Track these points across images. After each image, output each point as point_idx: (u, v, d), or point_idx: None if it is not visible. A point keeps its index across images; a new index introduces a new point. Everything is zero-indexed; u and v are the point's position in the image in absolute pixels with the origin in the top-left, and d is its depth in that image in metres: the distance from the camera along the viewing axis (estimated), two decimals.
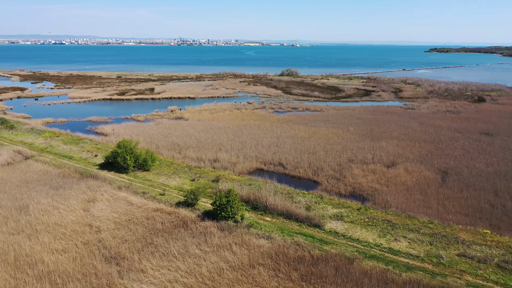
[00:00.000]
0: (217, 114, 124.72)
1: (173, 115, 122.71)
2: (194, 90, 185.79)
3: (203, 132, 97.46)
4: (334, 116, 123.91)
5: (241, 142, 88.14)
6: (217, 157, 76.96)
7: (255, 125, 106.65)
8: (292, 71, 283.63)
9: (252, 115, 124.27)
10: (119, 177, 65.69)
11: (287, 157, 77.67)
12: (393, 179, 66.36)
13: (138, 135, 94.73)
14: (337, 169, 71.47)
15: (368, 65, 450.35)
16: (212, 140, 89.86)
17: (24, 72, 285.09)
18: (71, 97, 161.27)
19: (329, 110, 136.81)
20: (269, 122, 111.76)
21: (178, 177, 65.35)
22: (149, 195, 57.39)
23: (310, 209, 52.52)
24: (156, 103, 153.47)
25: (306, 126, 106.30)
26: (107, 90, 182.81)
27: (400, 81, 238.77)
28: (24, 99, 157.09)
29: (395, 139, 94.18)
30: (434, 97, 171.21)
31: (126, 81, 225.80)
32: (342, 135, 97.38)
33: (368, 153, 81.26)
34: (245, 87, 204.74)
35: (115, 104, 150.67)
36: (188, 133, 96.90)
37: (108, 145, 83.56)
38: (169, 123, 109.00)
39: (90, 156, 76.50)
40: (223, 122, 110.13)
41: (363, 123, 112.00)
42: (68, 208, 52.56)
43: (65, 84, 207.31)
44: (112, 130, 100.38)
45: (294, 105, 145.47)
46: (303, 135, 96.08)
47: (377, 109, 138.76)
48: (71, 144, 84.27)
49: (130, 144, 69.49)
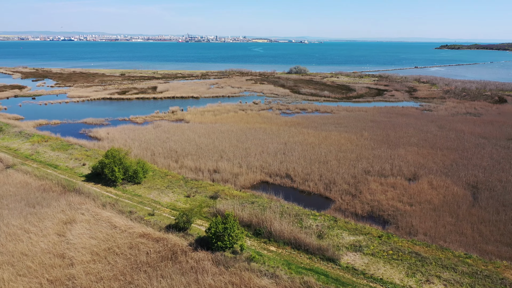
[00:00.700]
0: (221, 116, 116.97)
1: (173, 117, 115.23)
2: (198, 89, 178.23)
3: (204, 137, 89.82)
4: (346, 118, 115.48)
5: (245, 149, 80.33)
6: (218, 167, 69.27)
7: (261, 129, 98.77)
8: (301, 69, 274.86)
9: (258, 117, 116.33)
10: (106, 191, 58.30)
11: (295, 167, 69.74)
12: (416, 196, 58.11)
13: (133, 140, 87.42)
14: (351, 183, 63.37)
15: (379, 63, 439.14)
16: (213, 146, 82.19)
17: (27, 69, 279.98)
18: (69, 96, 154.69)
19: (340, 111, 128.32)
20: (275, 125, 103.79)
21: (171, 192, 57.76)
22: (136, 215, 49.88)
23: (323, 237, 44.56)
24: (157, 103, 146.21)
25: (316, 130, 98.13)
26: (108, 88, 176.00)
27: (413, 80, 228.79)
28: (21, 98, 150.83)
29: (414, 145, 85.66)
30: (451, 97, 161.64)
31: (129, 79, 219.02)
32: (355, 140, 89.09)
33: (385, 163, 72.98)
34: (251, 85, 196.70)
35: (114, 104, 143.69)
36: (188, 137, 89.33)
37: (99, 152, 76.30)
38: (169, 126, 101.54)
39: (77, 165, 69.24)
40: (227, 125, 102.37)
41: (378, 127, 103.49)
42: (41, 232, 45.25)
43: (66, 82, 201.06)
44: (106, 134, 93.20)
45: (303, 106, 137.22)
46: (312, 140, 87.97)
47: (392, 111, 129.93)
48: (59, 151, 77.15)
49: (119, 153, 62.07)
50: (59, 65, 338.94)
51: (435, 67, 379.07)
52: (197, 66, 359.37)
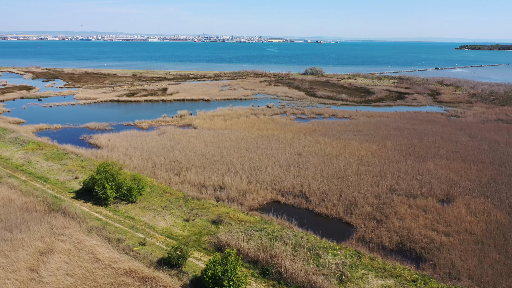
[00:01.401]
0: (231, 121, 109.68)
1: (181, 122, 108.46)
2: (209, 90, 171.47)
3: (211, 146, 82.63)
4: (365, 125, 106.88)
5: (255, 161, 72.79)
6: (224, 183, 61.93)
7: (273, 137, 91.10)
8: (317, 70, 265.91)
9: (270, 122, 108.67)
10: (95, 212, 51.51)
11: (310, 184, 61.91)
12: (453, 223, 49.66)
13: (135, 148, 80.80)
14: (375, 204, 55.23)
15: (397, 63, 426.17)
16: (221, 157, 74.90)
17: (39, 69, 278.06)
18: (77, 98, 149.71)
19: (359, 117, 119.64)
20: (289, 132, 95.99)
21: (169, 215, 50.58)
22: (125, 245, 42.88)
23: (345, 280, 36.73)
24: (166, 106, 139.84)
25: (333, 139, 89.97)
26: (117, 90, 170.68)
27: (436, 82, 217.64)
28: (27, 100, 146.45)
29: (444, 158, 76.77)
30: (478, 102, 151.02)
31: (140, 80, 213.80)
32: (377, 151, 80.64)
33: (413, 179, 64.53)
34: (265, 87, 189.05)
35: (122, 106, 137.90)
36: (194, 146, 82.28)
37: (95, 163, 69.79)
38: (175, 132, 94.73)
39: (69, 178, 62.77)
40: (237, 132, 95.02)
41: (402, 136, 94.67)
42: (11, 267, 38.60)
43: (76, 83, 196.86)
44: (107, 140, 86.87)
45: (319, 110, 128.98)
46: (330, 151, 79.87)
47: (415, 117, 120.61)
48: (53, 160, 70.93)
49: (112, 168, 55.25)
50: (73, 65, 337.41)
51: (456, 68, 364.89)
52: (211, 66, 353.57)
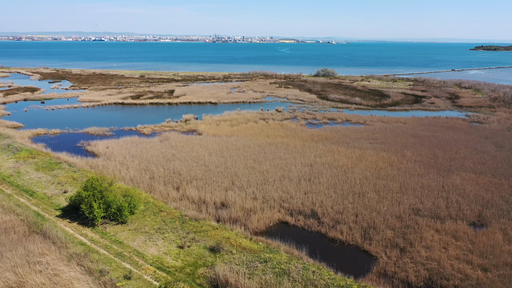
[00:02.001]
0: (238, 126, 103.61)
1: (185, 127, 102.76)
2: (217, 93, 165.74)
3: (215, 155, 76.62)
4: (382, 131, 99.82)
5: (262, 173, 66.56)
6: (226, 199, 55.85)
7: (283, 145, 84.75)
8: (329, 71, 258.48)
9: (280, 128, 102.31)
10: (80, 234, 45.82)
11: (323, 201, 55.47)
12: (489, 254, 42.77)
13: (133, 156, 75.21)
14: (398, 228, 48.55)
15: (412, 65, 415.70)
16: (225, 168, 68.84)
17: (48, 70, 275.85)
18: (80, 100, 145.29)
19: (374, 122, 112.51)
20: (300, 140, 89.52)
21: (162, 239, 44.63)
22: (107, 278, 37.04)
23: None
24: (172, 109, 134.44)
25: (347, 148, 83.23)
26: (122, 92, 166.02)
27: (453, 85, 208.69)
28: (30, 102, 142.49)
29: (471, 171, 69.54)
30: (501, 106, 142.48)
31: (147, 82, 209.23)
32: (396, 163, 73.71)
33: (438, 197, 57.62)
34: (275, 90, 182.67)
35: (126, 109, 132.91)
36: (196, 155, 76.37)
37: (88, 174, 64.31)
38: (178, 138, 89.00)
39: (57, 192, 57.31)
40: (244, 139, 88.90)
41: (422, 144, 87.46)
42: None
43: (83, 84, 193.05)
44: (106, 148, 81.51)
45: (331, 115, 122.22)
46: (344, 162, 73.21)
47: (435, 122, 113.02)
48: (44, 171, 65.68)
49: (101, 183, 49.54)
50: (82, 66, 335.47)
51: (474, 70, 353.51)
52: (221, 67, 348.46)
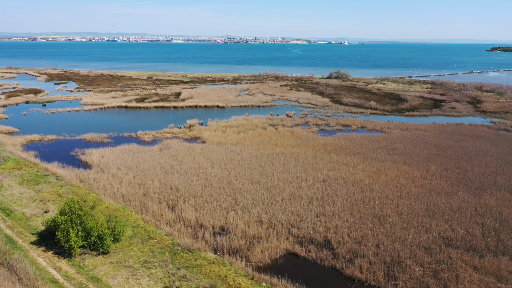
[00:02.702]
0: (246, 133, 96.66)
1: (189, 134, 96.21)
2: (226, 96, 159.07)
3: (218, 167, 69.77)
4: (401, 140, 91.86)
5: (269, 190, 59.50)
6: (227, 223, 48.93)
7: (293, 155, 77.51)
8: (342, 73, 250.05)
9: (290, 136, 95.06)
10: (53, 267, 39.31)
11: (338, 227, 48.20)
12: None
13: (129, 168, 68.80)
14: (427, 264, 41.02)
15: (427, 66, 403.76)
16: (228, 183, 61.95)
17: (56, 71, 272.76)
18: (83, 103, 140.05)
19: (392, 130, 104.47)
20: (312, 150, 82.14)
21: (147, 276, 37.82)
22: None
23: None
24: (177, 113, 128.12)
25: (364, 159, 75.61)
26: (127, 94, 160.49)
27: (474, 88, 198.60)
28: (31, 105, 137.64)
29: (506, 189, 61.41)
30: None
31: (155, 83, 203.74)
32: (419, 178, 65.91)
33: (472, 223, 49.84)
34: (286, 92, 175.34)
35: (129, 113, 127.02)
36: (198, 167, 69.63)
37: (76, 190, 58.03)
38: (179, 147, 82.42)
39: (38, 211, 51.05)
40: (250, 149, 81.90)
41: (446, 156, 79.32)
42: None
43: (88, 86, 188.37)
44: (100, 157, 75.33)
45: (345, 121, 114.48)
46: (361, 177, 65.68)
47: (458, 130, 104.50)
48: (28, 185, 59.61)
49: (81, 206, 42.98)
50: (92, 67, 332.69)
51: (493, 72, 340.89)
52: (231, 68, 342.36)
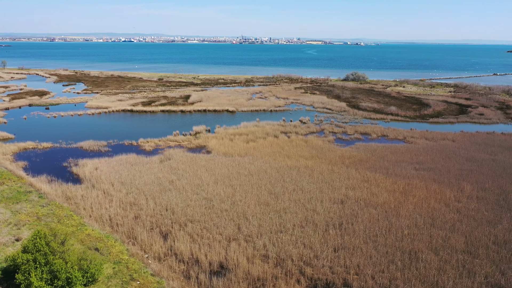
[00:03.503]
0: (255, 142, 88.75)
1: (194, 142, 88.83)
2: (237, 99, 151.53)
3: (222, 183, 62.04)
4: (427, 152, 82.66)
5: (278, 213, 51.49)
6: (227, 259, 41.13)
7: (307, 169, 69.30)
8: (359, 75, 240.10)
9: (304, 145, 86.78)
10: None
11: (360, 265, 39.95)
12: None
13: (123, 184, 61.63)
14: None
15: (448, 68, 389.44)
16: (232, 204, 54.17)
17: (67, 72, 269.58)
18: (88, 106, 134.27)
19: (416, 139, 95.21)
20: (327, 163, 73.74)
21: None
22: None
23: None
24: (184, 118, 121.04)
25: (387, 176, 66.89)
26: (135, 97, 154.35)
27: (501, 92, 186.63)
28: (34, 108, 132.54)
29: None
30: None
31: (164, 85, 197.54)
32: (453, 201, 56.92)
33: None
34: (300, 96, 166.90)
35: (134, 118, 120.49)
36: (199, 183, 62.05)
37: (58, 211, 51.00)
38: (182, 158, 75.02)
39: (8, 239, 44.04)
40: (259, 161, 73.96)
41: (481, 172, 69.90)
42: None
43: (97, 88, 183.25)
44: (94, 169, 68.42)
45: (364, 128, 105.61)
46: (385, 198, 57.09)
47: (490, 140, 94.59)
48: (7, 204, 52.85)
49: (49, 241, 35.68)
50: (104, 67, 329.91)
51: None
52: (244, 70, 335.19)
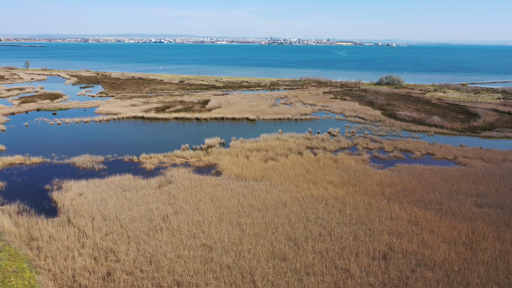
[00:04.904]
0: (275, 161, 74.96)
1: (204, 160, 76.05)
2: (259, 105, 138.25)
3: (228, 222, 48.75)
4: (488, 179, 66.44)
5: (298, 274, 37.71)
6: None
7: (337, 201, 55.08)
8: (394, 79, 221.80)
9: (333, 167, 72.31)
10: None
11: None
12: None
13: (106, 218, 49.46)
14: None
15: (491, 71, 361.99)
16: (236, 257, 40.82)
17: (89, 73, 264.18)
18: (98, 111, 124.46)
19: (471, 160, 78.79)
20: (363, 193, 59.20)
21: None
22: None
23: None
24: (199, 127, 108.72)
25: (441, 215, 51.73)
26: (150, 102, 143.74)
27: None
28: (42, 113, 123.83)
29: None
30: None
31: (184, 88, 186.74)
32: None
33: None
34: (329, 102, 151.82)
35: (143, 126, 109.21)
36: (200, 220, 49.05)
37: (9, 263, 39.23)
38: (185, 182, 62.33)
39: None
40: (278, 188, 60.24)
41: None
42: None
43: (114, 90, 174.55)
44: (78, 195, 56.82)
45: (405, 144, 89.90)
46: (444, 253, 42.18)
47: None
48: None
49: None
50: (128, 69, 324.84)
51: None
52: (271, 72, 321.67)
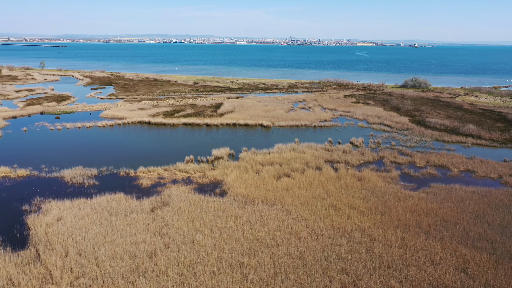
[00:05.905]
0: (290, 178, 65.21)
1: (208, 175, 67.04)
2: (275, 110, 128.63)
3: (227, 263, 39.48)
4: None
5: None
6: None
7: (363, 236, 45.09)
8: (420, 82, 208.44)
9: (357, 186, 62.12)
10: None
11: None
12: None
13: (81, 254, 40.87)
14: None
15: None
16: None
17: (103, 73, 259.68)
18: (103, 116, 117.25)
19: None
20: (394, 225, 48.99)
21: None
22: None
23: None
24: (208, 134, 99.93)
25: (496, 258, 41.26)
26: (159, 105, 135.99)
27: None
28: (44, 117, 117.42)
29: None
30: None
31: (198, 90, 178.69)
32: None
33: None
34: (350, 106, 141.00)
35: (149, 133, 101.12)
36: (194, 259, 39.95)
37: None
38: (183, 205, 53.37)
39: None
40: (291, 216, 50.59)
41: None
42: None
43: (124, 92, 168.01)
44: (56, 221, 48.63)
45: (439, 158, 78.82)
46: None
47: None
48: None
49: None
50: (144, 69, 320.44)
51: None
52: (289, 73, 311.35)
